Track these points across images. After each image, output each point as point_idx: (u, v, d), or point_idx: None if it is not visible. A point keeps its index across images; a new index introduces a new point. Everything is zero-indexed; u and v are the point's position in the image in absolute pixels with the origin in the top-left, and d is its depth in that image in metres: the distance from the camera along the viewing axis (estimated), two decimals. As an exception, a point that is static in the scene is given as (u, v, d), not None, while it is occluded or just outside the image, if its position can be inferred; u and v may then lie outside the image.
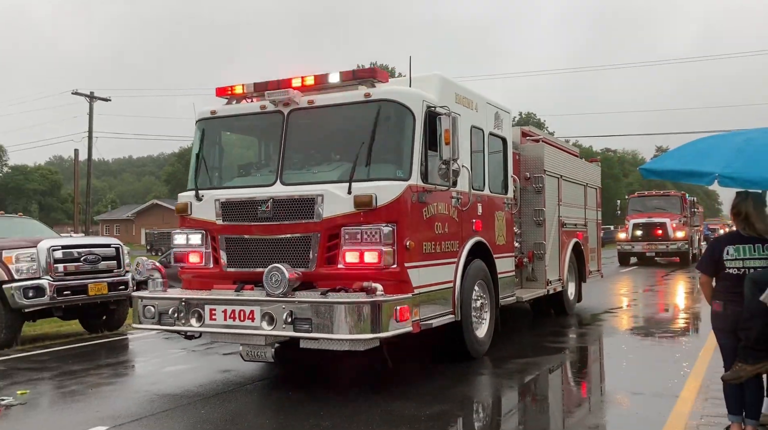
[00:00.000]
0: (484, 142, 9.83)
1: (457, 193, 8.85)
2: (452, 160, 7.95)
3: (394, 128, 7.94)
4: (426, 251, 8.02)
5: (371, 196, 7.45)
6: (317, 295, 7.23)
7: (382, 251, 7.40)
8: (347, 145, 7.90)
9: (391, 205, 7.53)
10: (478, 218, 9.41)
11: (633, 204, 34.86)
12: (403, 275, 7.53)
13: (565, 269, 13.28)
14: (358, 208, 7.51)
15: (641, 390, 7.62)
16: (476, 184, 9.54)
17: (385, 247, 7.42)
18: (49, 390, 8.50)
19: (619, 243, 33.30)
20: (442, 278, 8.42)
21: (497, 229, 10.13)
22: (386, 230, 7.41)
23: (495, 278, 9.90)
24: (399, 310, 7.21)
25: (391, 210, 7.53)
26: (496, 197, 10.20)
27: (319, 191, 7.73)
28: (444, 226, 8.46)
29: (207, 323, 7.61)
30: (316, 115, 8.20)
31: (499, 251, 10.16)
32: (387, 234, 7.42)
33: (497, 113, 10.34)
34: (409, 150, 7.83)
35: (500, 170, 10.61)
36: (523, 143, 12.46)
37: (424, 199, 7.97)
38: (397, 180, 7.66)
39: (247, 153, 8.85)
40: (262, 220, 7.98)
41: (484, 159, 9.81)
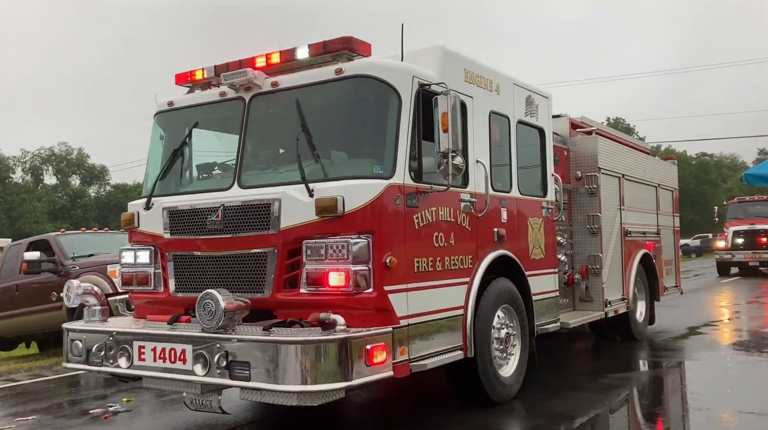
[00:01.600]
0: (510, 132, 7.92)
1: (471, 195, 7.00)
2: (452, 152, 6.12)
3: (372, 112, 6.19)
4: (420, 270, 6.21)
5: (335, 200, 5.72)
6: (259, 330, 5.53)
7: (351, 271, 5.64)
8: (318, 135, 6.20)
9: (365, 211, 5.76)
10: (501, 226, 7.51)
11: (732, 211, 32.20)
12: (381, 301, 5.74)
13: (630, 286, 11.10)
14: (320, 215, 5.79)
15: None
16: (499, 184, 7.66)
17: (356, 265, 5.66)
18: (151, 398, 8.71)
19: (717, 252, 31.14)
20: (447, 304, 6.58)
21: (532, 239, 8.18)
22: (356, 243, 5.66)
23: (529, 300, 7.95)
24: (370, 349, 5.42)
25: (364, 217, 5.77)
26: (530, 200, 8.26)
27: (275, 195, 6.06)
28: (448, 237, 6.62)
29: (136, 364, 6.03)
30: (281, 100, 6.54)
31: (535, 267, 8.20)
32: (358, 249, 5.66)
33: (530, 98, 8.40)
34: (392, 140, 6.05)
35: (536, 168, 8.66)
36: (573, 137, 10.43)
37: (415, 203, 6.17)
38: (374, 178, 5.90)
39: (210, 150, 7.30)
40: (212, 232, 6.37)
41: (510, 153, 7.90)
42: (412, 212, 6.15)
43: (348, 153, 6.05)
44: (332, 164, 6.05)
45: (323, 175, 5.97)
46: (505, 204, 7.65)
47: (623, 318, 11.16)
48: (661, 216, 12.91)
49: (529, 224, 8.16)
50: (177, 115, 7.24)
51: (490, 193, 7.24)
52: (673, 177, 13.99)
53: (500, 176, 7.73)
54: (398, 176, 6.00)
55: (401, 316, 5.92)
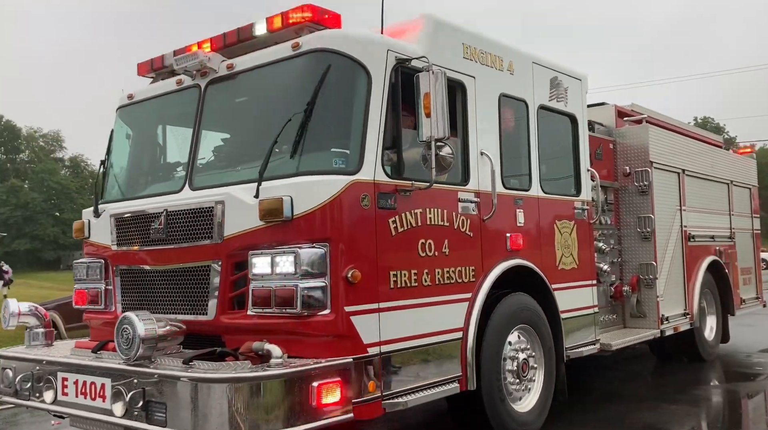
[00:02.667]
0: (529, 119, 6.66)
1: (473, 194, 5.81)
2: (436, 141, 4.98)
3: (333, 93, 5.09)
4: (399, 285, 5.07)
5: (280, 202, 4.66)
6: (179, 363, 4.51)
7: (299, 288, 4.56)
8: (275, 124, 5.16)
9: (319, 214, 4.68)
10: (516, 231, 6.27)
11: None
12: (340, 325, 4.64)
13: (694, 299, 9.54)
14: (265, 220, 4.75)
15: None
16: (513, 181, 6.43)
17: (306, 281, 4.58)
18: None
19: None
20: (440, 325, 5.42)
21: (560, 246, 6.89)
22: (307, 253, 4.58)
23: (555, 319, 6.66)
24: (317, 388, 4.31)
25: (318, 222, 4.68)
26: (558, 200, 6.97)
27: (217, 197, 5.06)
28: (440, 244, 5.46)
29: (60, 399, 5.11)
30: (237, 85, 5.55)
31: (564, 279, 6.90)
32: (309, 261, 4.59)
33: (556, 79, 7.12)
34: (358, 127, 4.95)
35: (566, 161, 7.35)
36: (620, 127, 9.02)
37: (390, 204, 5.04)
38: (332, 174, 4.81)
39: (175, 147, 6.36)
40: (155, 242, 5.42)
41: (529, 144, 6.64)
42: (387, 215, 5.02)
43: (306, 145, 4.99)
44: (288, 158, 4.99)
45: (278, 171, 4.93)
46: (523, 204, 6.40)
47: (688, 336, 9.61)
48: (736, 217, 11.25)
49: (556, 227, 6.87)
50: (138, 109, 6.34)
51: (500, 192, 6.03)
52: (750, 173, 12.26)
53: (515, 172, 6.50)
54: (366, 171, 4.89)
55: (370, 343, 4.79)
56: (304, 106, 4.98)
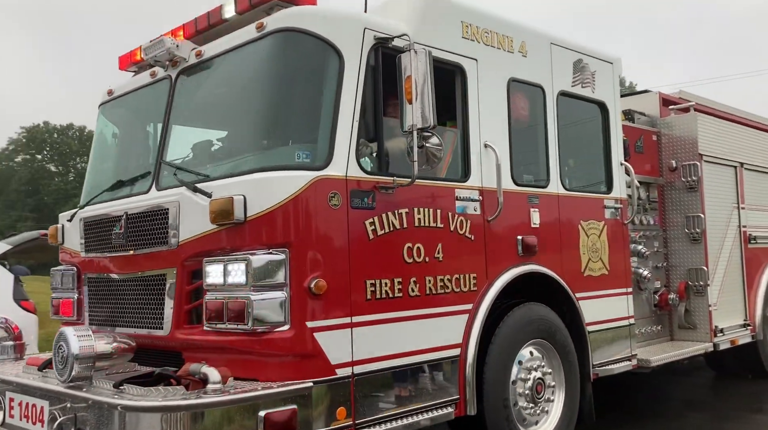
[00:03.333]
0: (546, 107, 5.91)
1: (474, 191, 5.13)
2: (420, 130, 4.33)
3: (300, 78, 4.50)
4: (379, 296, 4.43)
5: (230, 202, 4.09)
6: (109, 386, 3.98)
7: (250, 300, 3.97)
8: (240, 114, 4.62)
9: (276, 216, 4.09)
10: (530, 233, 5.53)
11: None
12: (302, 343, 4.03)
13: (756, 309, 8.51)
14: (217, 222, 4.19)
15: None
16: (527, 176, 5.71)
17: (260, 293, 3.99)
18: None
19: None
20: (432, 342, 4.76)
21: (586, 249, 6.10)
22: (260, 261, 4.00)
23: (580, 332, 5.89)
24: (264, 418, 3.71)
25: (275, 224, 4.10)
26: (583, 198, 6.18)
27: (172, 197, 4.54)
28: (432, 249, 4.79)
29: (7, 422, 4.66)
30: (206, 73, 5.02)
31: (592, 287, 6.11)
32: (263, 269, 4.00)
33: (580, 63, 6.33)
34: (327, 115, 4.33)
35: (595, 155, 6.55)
36: (665, 116, 8.11)
37: (367, 203, 4.41)
38: (295, 169, 4.21)
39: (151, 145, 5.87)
40: (117, 249, 4.95)
41: (547, 135, 5.89)
42: (364, 216, 4.39)
43: (269, 137, 4.42)
44: (250, 153, 4.42)
45: (240, 167, 4.37)
46: (538, 203, 5.66)
47: (751, 350, 8.60)
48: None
49: (581, 229, 6.09)
50: (117, 105, 5.90)
51: (509, 189, 5.33)
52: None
53: (530, 166, 5.77)
54: (337, 166, 4.27)
55: (340, 363, 4.17)
56: (268, 95, 4.43)
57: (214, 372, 3.75)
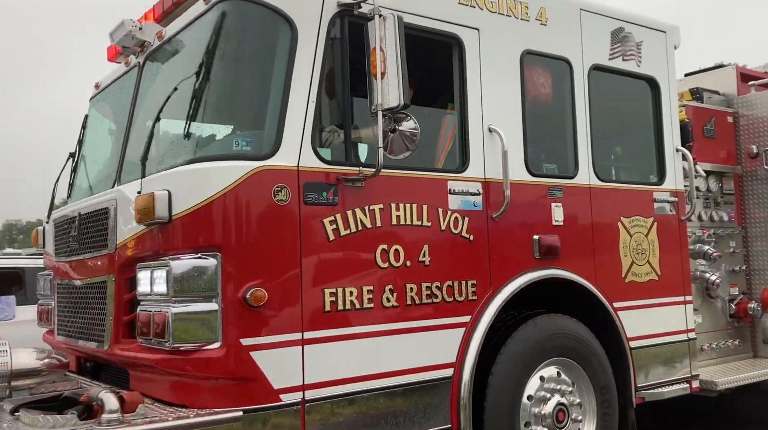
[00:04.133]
0: (574, 83, 5.03)
1: (475, 184, 4.37)
2: (388, 112, 3.65)
3: (245, 54, 3.92)
4: (340, 308, 3.76)
5: (151, 198, 3.54)
6: (8, 410, 3.50)
7: (171, 314, 3.40)
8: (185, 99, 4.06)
9: (205, 214, 3.51)
10: (550, 232, 4.70)
11: None
12: (234, 363, 3.43)
13: None
14: (143, 223, 3.66)
15: None
16: (547, 165, 4.91)
17: (181, 304, 3.42)
18: None
19: None
20: (415, 361, 4.04)
21: (628, 250, 5.17)
22: (182, 267, 3.43)
23: (620, 348, 4.99)
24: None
25: (203, 224, 3.51)
26: (625, 190, 5.26)
27: (111, 195, 4.06)
28: (416, 251, 4.08)
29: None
30: (167, 56, 4.52)
31: (635, 295, 5.18)
32: (187, 276, 3.43)
33: (621, 32, 5.39)
34: (276, 96, 3.70)
35: (643, 139, 5.60)
36: (744, 94, 6.96)
37: (325, 199, 3.76)
38: (233, 159, 3.61)
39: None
40: (72, 253, 4.54)
41: (575, 116, 5.01)
42: (322, 213, 3.73)
43: (209, 122, 3.86)
44: (189, 142, 3.87)
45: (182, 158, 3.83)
46: (562, 197, 4.81)
47: None
48: None
49: (621, 226, 5.17)
50: (102, 98, 5.53)
51: (521, 181, 4.54)
52: None
53: (551, 154, 4.96)
54: (286, 155, 3.64)
55: (285, 387, 3.54)
56: (209, 75, 3.86)
57: (111, 399, 3.20)
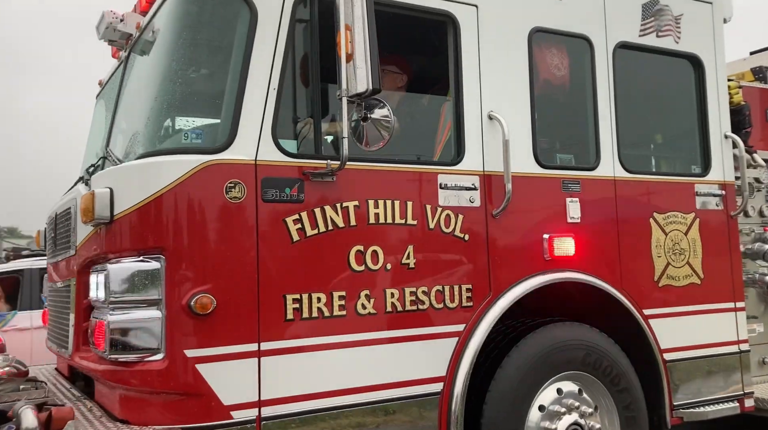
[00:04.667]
0: (595, 64, 4.48)
1: (472, 177, 3.93)
2: (356, 98, 3.28)
3: (201, 38, 3.62)
4: (305, 316, 3.41)
5: (90, 197, 3.29)
6: None
7: (107, 322, 3.14)
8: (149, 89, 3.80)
9: (147, 213, 3.23)
10: (565, 230, 4.19)
11: None
12: (178, 377, 3.14)
13: None
14: (87, 223, 3.42)
15: None
16: (559, 155, 4.40)
17: (120, 312, 3.15)
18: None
19: None
20: (395, 375, 3.65)
21: (662, 250, 4.58)
22: (119, 271, 3.18)
23: (652, 361, 4.42)
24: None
25: (145, 224, 3.24)
26: (660, 183, 4.67)
27: (72, 195, 3.87)
28: (398, 252, 3.68)
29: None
30: (143, 46, 4.27)
31: (672, 300, 4.58)
32: (125, 281, 3.16)
33: (655, 5, 4.78)
34: (233, 84, 3.38)
35: (683, 125, 4.99)
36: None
37: (288, 195, 3.41)
38: (179, 153, 3.32)
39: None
40: (52, 254, 4.40)
41: (596, 101, 4.45)
42: (284, 211, 3.39)
43: (162, 115, 3.58)
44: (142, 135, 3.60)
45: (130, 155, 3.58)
46: (580, 191, 4.29)
47: None
48: None
49: (653, 223, 4.58)
50: (103, 94, 5.37)
51: (530, 173, 4.07)
52: None
53: (568, 142, 4.43)
54: (242, 148, 3.32)
55: (237, 403, 3.22)
56: (170, 64, 3.58)
57: (29, 416, 2.94)
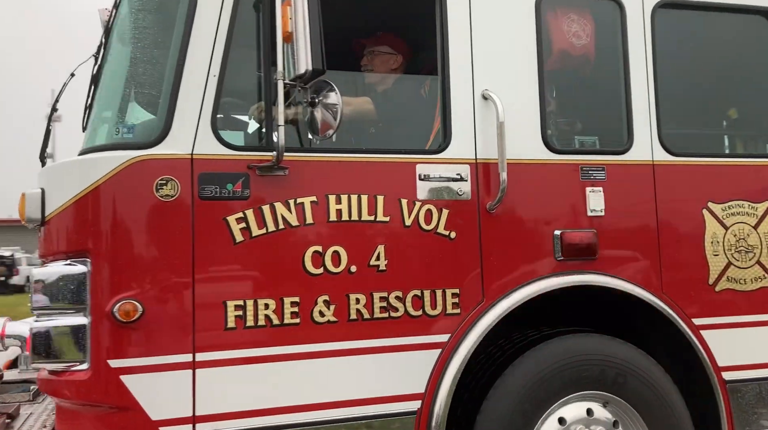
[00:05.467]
0: (625, 30, 3.78)
1: (470, 166, 3.45)
2: (299, 82, 2.96)
3: (144, 26, 3.38)
4: (249, 324, 3.09)
5: (22, 199, 3.18)
6: None
7: (33, 328, 3.01)
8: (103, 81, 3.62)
9: (72, 214, 3.06)
10: (583, 226, 3.58)
11: None
12: (101, 388, 2.94)
13: None
14: (26, 225, 3.30)
15: None
16: (578, 138, 3.78)
17: (45, 319, 3.01)
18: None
19: None
20: (363, 391, 3.24)
21: (721, 248, 3.80)
22: (42, 275, 3.04)
23: (706, 381, 3.68)
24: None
25: (70, 225, 3.07)
26: (716, 167, 3.89)
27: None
28: (366, 253, 3.27)
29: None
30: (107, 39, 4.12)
31: (733, 308, 3.79)
32: (49, 285, 3.02)
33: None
34: (170, 72, 3.13)
35: (755, 97, 4.15)
36: None
37: (230, 192, 3.12)
38: (109, 149, 3.12)
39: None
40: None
41: (628, 73, 3.75)
42: (225, 209, 3.09)
43: (103, 108, 3.39)
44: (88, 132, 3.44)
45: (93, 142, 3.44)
46: (605, 179, 3.64)
47: None
48: None
49: (706, 215, 3.82)
50: None
51: (539, 160, 3.53)
52: None
53: (589, 121, 3.80)
54: (177, 141, 3.07)
55: (168, 418, 2.97)
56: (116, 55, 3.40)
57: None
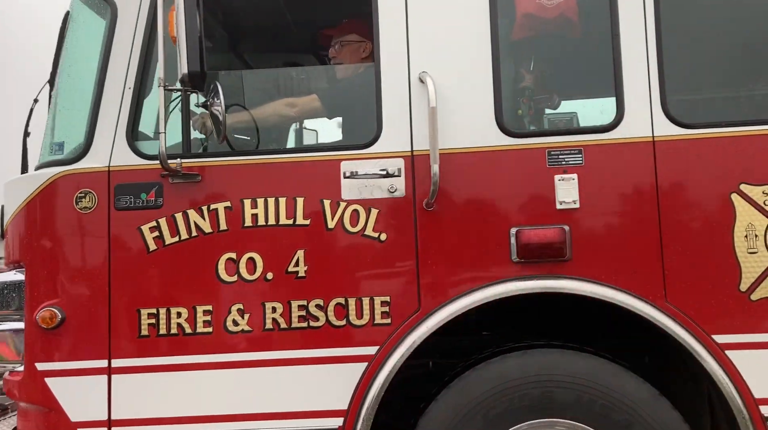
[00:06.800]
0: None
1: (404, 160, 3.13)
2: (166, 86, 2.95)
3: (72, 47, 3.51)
4: (162, 332, 3.09)
5: None
6: None
7: (-12, 333, 3.33)
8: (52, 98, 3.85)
9: (13, 227, 3.32)
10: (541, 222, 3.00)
11: None
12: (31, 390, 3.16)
13: None
14: None
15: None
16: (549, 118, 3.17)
17: None
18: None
19: None
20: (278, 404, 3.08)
21: (754, 244, 2.92)
22: (-7, 284, 3.33)
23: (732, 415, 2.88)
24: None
25: (13, 237, 3.33)
26: (747, 137, 2.99)
27: None
28: (283, 259, 3.09)
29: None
30: None
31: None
32: (3, 292, 3.31)
33: None
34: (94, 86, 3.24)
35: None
36: None
37: (143, 201, 3.16)
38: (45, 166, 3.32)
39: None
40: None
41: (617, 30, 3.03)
42: (138, 219, 3.13)
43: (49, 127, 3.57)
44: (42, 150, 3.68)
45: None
46: (582, 163, 3.01)
47: None
48: None
49: (738, 201, 2.95)
50: None
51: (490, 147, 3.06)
52: None
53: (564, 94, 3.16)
54: (97, 155, 3.19)
55: (87, 421, 3.11)
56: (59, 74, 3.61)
57: None
